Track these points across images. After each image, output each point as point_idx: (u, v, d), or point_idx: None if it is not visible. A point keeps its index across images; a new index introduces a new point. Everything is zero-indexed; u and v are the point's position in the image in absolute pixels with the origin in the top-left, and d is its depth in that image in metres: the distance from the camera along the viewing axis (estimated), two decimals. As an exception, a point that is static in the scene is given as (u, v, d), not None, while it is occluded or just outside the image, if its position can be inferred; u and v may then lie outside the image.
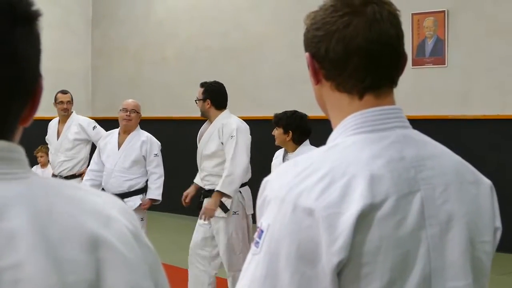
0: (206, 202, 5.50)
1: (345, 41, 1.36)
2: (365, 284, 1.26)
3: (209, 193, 5.51)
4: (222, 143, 5.45)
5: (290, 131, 5.14)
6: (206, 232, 5.59)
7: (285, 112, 5.27)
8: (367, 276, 1.26)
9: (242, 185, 5.51)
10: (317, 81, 1.42)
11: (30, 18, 0.98)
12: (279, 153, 5.44)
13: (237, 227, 5.49)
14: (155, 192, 5.99)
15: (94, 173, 6.13)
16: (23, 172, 0.98)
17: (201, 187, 5.67)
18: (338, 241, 1.23)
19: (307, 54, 1.42)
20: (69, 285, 0.92)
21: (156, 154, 6.04)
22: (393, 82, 1.41)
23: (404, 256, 1.29)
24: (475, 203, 1.40)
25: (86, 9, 12.39)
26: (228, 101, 5.65)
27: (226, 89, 5.82)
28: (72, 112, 7.27)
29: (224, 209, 5.45)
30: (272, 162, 5.46)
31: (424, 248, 1.31)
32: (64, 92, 7.24)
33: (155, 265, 1.03)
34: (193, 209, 5.82)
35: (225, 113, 5.58)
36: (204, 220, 5.41)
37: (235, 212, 5.48)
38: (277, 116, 5.26)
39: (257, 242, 1.31)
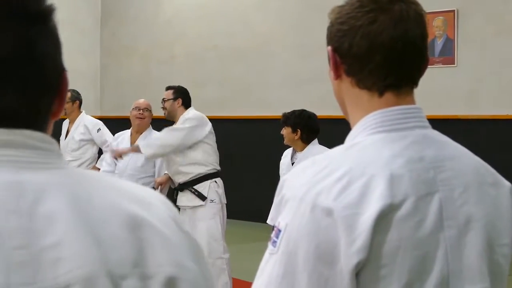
0: (181, 195, 5.72)
1: (369, 37, 1.34)
2: (384, 285, 1.24)
3: (184, 186, 5.70)
4: None
5: (299, 130, 5.14)
6: (190, 228, 5.69)
7: (293, 111, 5.28)
8: (386, 277, 1.24)
9: (216, 176, 5.71)
10: (337, 76, 1.40)
11: (44, 15, 0.98)
12: (287, 153, 5.44)
13: (216, 214, 5.63)
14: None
15: (108, 174, 6.17)
16: (59, 163, 0.98)
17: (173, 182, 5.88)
18: (357, 241, 1.22)
19: (329, 47, 1.40)
20: (113, 262, 0.92)
21: None
22: (414, 82, 1.40)
23: (422, 258, 1.27)
24: (494, 206, 1.38)
25: (95, 8, 12.41)
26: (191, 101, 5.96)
27: (234, 88, 5.93)
28: (81, 112, 7.28)
29: (202, 197, 5.61)
30: (281, 162, 5.46)
31: (442, 250, 1.29)
32: None
33: (196, 251, 1.02)
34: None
35: (190, 109, 5.85)
36: (117, 158, 5.85)
37: (212, 200, 5.63)
38: (285, 115, 5.27)
39: (275, 242, 1.29)
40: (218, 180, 5.73)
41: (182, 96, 5.84)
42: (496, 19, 8.10)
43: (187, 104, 5.85)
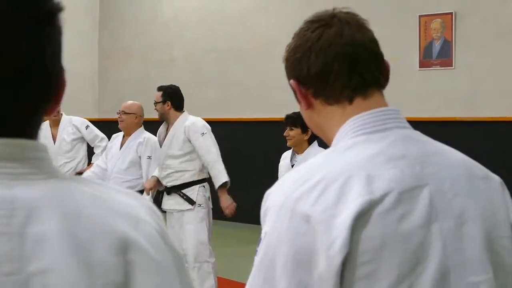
0: (168, 199, 5.72)
1: (322, 52, 1.41)
2: (372, 282, 1.24)
3: (172, 189, 5.71)
4: (189, 141, 5.68)
5: (309, 130, 5.10)
6: (177, 231, 5.70)
7: (296, 113, 5.21)
8: (372, 274, 1.24)
9: (204, 181, 5.75)
10: (308, 104, 1.45)
11: (53, 14, 0.95)
12: (286, 154, 5.39)
13: (203, 218, 5.66)
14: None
15: (98, 168, 6.22)
16: (49, 172, 0.96)
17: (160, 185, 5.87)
18: (336, 242, 1.22)
19: (291, 81, 1.46)
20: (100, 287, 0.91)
21: (149, 157, 5.99)
22: (378, 84, 1.43)
23: (414, 250, 1.26)
24: (487, 199, 1.39)
25: (94, 11, 12.42)
26: (185, 103, 5.91)
27: (234, 90, 5.91)
28: (61, 114, 7.26)
29: (190, 202, 5.65)
30: (280, 164, 5.41)
31: (439, 242, 1.28)
32: None
33: (180, 266, 1.02)
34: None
35: (185, 114, 5.82)
36: (231, 215, 5.67)
37: (200, 205, 5.66)
38: (291, 116, 5.18)
39: (257, 251, 1.31)
40: (206, 184, 5.77)
41: (170, 99, 5.80)
42: (494, 21, 8.11)
43: (177, 106, 5.81)
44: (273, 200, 1.32)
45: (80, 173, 7.02)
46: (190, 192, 5.67)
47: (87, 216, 0.94)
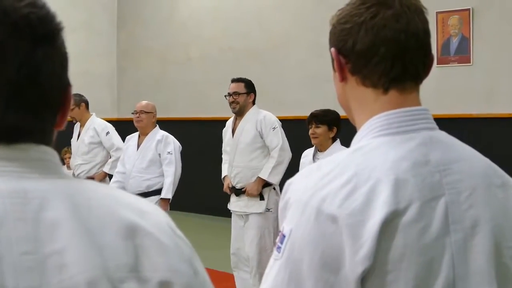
0: (236, 200, 5.54)
1: (373, 31, 1.35)
2: None
3: (240, 191, 5.54)
4: (260, 136, 5.51)
5: (335, 127, 5.06)
6: (241, 234, 5.58)
7: (323, 110, 5.15)
8: (391, 284, 1.23)
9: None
10: (342, 77, 1.40)
11: (52, 35, 1.01)
12: (308, 152, 5.30)
13: (270, 224, 5.48)
14: (163, 191, 5.98)
15: (121, 175, 6.20)
16: (59, 173, 1.03)
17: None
18: (362, 249, 1.21)
19: (332, 49, 1.40)
20: (111, 269, 0.97)
21: (170, 152, 6.02)
22: (418, 78, 1.39)
23: (428, 263, 1.25)
24: (502, 208, 1.36)
25: (112, 11, 12.48)
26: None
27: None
28: (91, 114, 7.31)
29: (261, 196, 5.47)
30: (301, 161, 5.30)
31: (448, 254, 1.27)
32: None
33: (193, 257, 1.06)
34: (216, 209, 5.83)
35: (256, 107, 5.71)
36: (247, 196, 5.41)
37: (269, 209, 5.47)
38: (317, 114, 5.12)
39: (279, 247, 1.29)
40: (277, 187, 5.54)
41: (253, 92, 5.69)
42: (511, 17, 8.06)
43: (254, 99, 5.72)
44: (295, 194, 1.30)
45: (91, 177, 6.97)
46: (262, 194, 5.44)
47: (95, 207, 1.00)
